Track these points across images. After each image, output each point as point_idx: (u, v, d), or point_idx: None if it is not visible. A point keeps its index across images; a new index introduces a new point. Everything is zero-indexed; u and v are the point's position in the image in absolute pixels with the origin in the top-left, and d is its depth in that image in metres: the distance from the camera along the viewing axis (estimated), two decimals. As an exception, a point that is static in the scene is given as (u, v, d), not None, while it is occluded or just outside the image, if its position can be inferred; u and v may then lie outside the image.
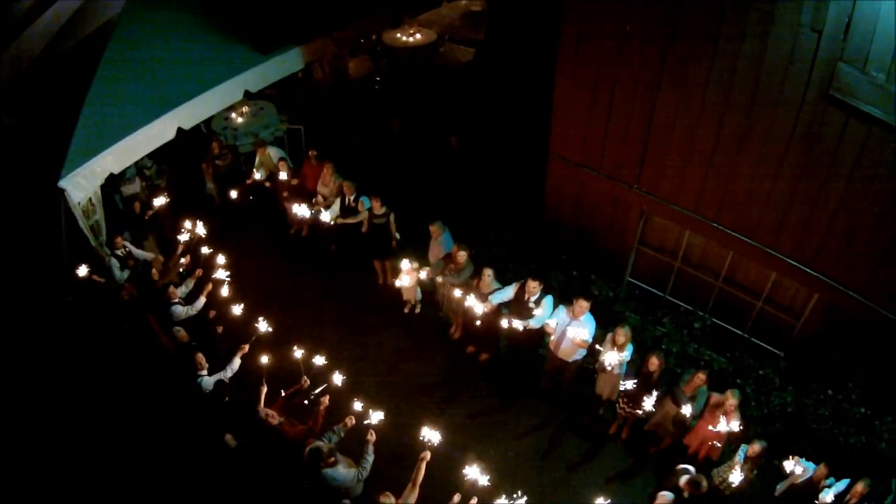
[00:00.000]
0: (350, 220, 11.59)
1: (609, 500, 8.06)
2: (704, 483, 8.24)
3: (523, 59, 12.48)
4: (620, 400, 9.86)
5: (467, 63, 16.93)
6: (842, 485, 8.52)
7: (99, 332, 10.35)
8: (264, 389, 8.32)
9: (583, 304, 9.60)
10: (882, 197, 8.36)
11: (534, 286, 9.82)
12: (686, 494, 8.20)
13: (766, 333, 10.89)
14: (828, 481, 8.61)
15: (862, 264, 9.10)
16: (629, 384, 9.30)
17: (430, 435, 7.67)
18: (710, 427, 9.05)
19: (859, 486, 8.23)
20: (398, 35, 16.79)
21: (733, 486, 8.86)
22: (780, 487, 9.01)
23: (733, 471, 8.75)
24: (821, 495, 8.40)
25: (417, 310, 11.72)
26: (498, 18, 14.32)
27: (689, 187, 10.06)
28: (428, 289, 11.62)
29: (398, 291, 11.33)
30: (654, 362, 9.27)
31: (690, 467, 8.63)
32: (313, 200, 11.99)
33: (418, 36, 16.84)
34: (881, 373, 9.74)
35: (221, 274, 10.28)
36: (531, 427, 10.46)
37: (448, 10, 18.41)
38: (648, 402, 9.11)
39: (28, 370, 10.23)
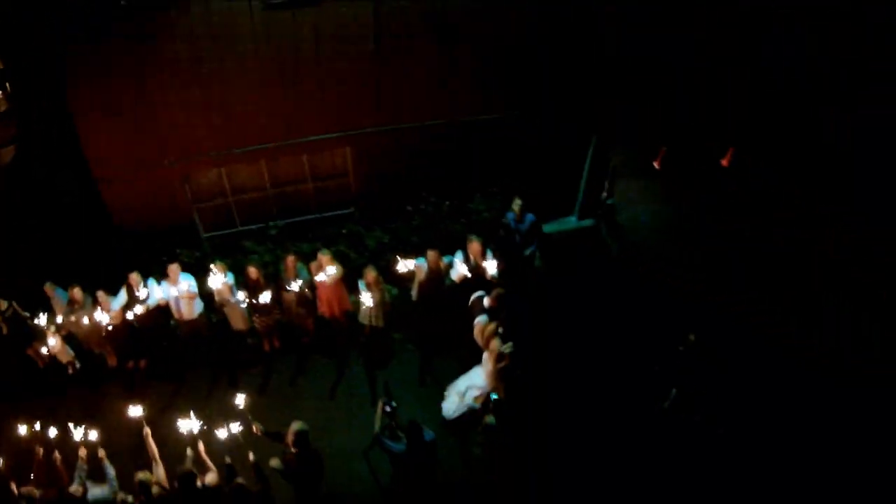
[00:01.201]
0: None
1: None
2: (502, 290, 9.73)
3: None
4: (254, 319, 10.89)
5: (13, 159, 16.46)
6: (457, 256, 10.38)
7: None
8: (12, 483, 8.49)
9: (173, 268, 10.54)
10: (344, 58, 10.72)
11: (134, 278, 10.54)
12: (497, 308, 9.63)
13: (334, 203, 12.73)
14: (445, 259, 10.43)
15: (352, 112, 11.39)
16: (243, 300, 10.46)
17: (134, 412, 8.58)
18: (322, 284, 10.47)
19: (473, 245, 10.17)
20: None
21: (371, 307, 10.42)
22: (414, 292, 10.69)
23: (364, 297, 10.29)
24: (452, 273, 10.17)
25: (78, 365, 11.63)
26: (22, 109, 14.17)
27: (202, 135, 11.28)
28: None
29: (58, 361, 11.36)
30: (251, 272, 10.42)
31: (481, 292, 9.93)
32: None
33: None
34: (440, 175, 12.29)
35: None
36: (211, 382, 11.22)
37: None
38: (264, 296, 10.33)
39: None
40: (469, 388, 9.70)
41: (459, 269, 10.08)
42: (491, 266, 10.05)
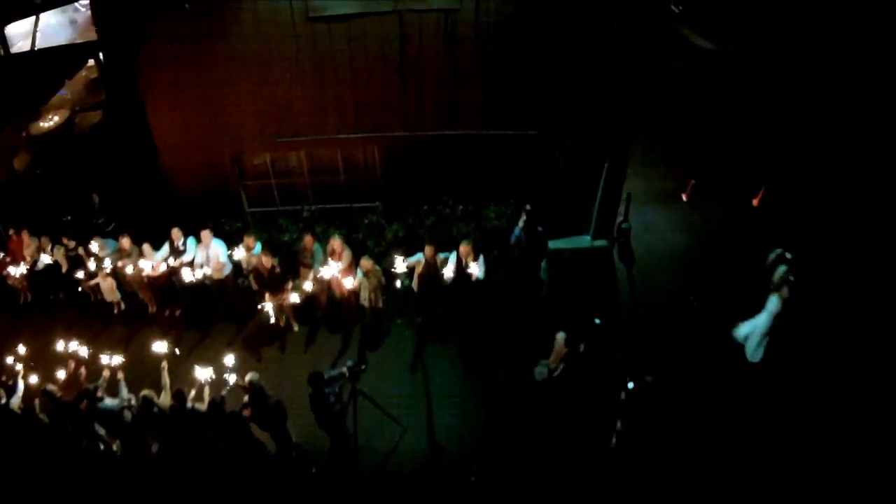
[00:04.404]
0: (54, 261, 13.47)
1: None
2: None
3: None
4: (269, 299, 12.08)
5: (99, 123, 19.01)
6: (451, 255, 11.44)
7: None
8: (49, 385, 10.20)
9: (205, 234, 12.19)
10: (373, 65, 12.03)
11: (175, 233, 12.40)
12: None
13: (362, 195, 14.01)
14: (441, 255, 11.52)
15: (379, 116, 12.70)
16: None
17: (159, 347, 10.21)
18: (334, 266, 11.66)
19: (462, 248, 11.18)
20: (40, 124, 18.66)
21: (364, 297, 11.83)
22: (415, 284, 11.83)
23: (364, 287, 11.69)
24: (445, 271, 11.23)
25: (123, 307, 13.71)
26: (110, 77, 16.35)
27: (250, 123, 12.86)
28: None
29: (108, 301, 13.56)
30: (265, 261, 11.68)
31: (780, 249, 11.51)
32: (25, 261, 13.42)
33: (56, 118, 18.87)
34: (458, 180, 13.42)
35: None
36: (232, 338, 12.96)
37: (72, 86, 20.15)
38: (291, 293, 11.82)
39: None
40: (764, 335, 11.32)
41: (447, 272, 11.20)
42: (477, 268, 11.07)
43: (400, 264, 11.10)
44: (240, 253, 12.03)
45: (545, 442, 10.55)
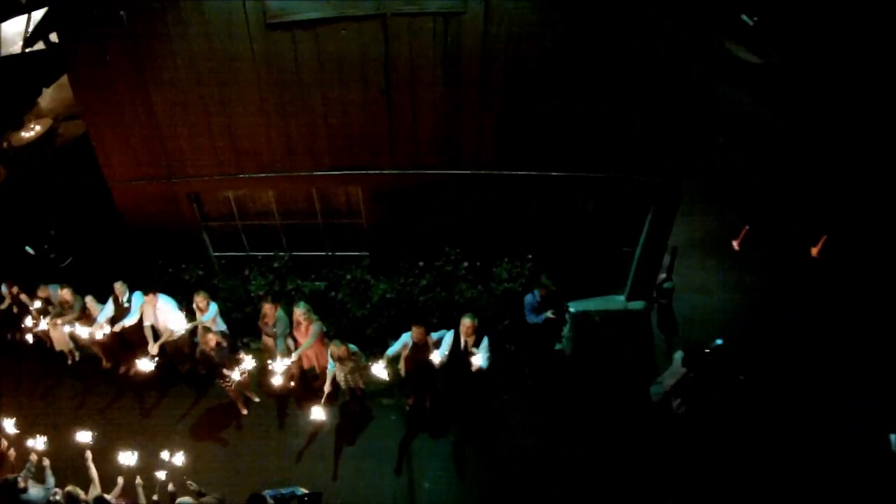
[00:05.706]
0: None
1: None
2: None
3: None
4: (221, 383, 10.09)
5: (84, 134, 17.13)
6: (447, 333, 9.16)
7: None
8: None
9: (149, 298, 10.26)
10: (349, 86, 9.45)
11: (118, 289, 10.40)
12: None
13: (345, 243, 11.54)
14: (434, 335, 9.21)
15: (361, 150, 10.13)
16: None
17: (81, 437, 8.97)
18: (281, 364, 9.49)
19: (465, 323, 8.87)
20: (22, 134, 17.27)
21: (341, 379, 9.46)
22: (401, 368, 9.59)
23: (340, 372, 9.42)
24: (435, 355, 8.96)
25: (77, 357, 11.98)
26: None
27: (205, 156, 10.45)
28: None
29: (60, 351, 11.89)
30: (210, 340, 9.54)
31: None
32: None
33: (38, 128, 17.51)
34: (461, 229, 10.94)
35: None
36: (188, 409, 11.10)
37: (62, 92, 18.50)
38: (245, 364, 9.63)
39: None
40: None
41: (436, 357, 8.86)
42: (480, 358, 8.70)
43: (379, 371, 9.02)
44: (183, 325, 10.14)
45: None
